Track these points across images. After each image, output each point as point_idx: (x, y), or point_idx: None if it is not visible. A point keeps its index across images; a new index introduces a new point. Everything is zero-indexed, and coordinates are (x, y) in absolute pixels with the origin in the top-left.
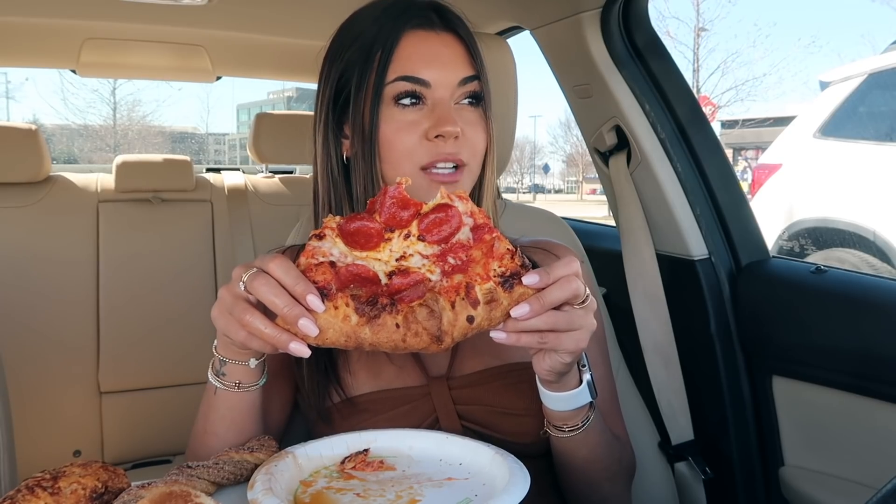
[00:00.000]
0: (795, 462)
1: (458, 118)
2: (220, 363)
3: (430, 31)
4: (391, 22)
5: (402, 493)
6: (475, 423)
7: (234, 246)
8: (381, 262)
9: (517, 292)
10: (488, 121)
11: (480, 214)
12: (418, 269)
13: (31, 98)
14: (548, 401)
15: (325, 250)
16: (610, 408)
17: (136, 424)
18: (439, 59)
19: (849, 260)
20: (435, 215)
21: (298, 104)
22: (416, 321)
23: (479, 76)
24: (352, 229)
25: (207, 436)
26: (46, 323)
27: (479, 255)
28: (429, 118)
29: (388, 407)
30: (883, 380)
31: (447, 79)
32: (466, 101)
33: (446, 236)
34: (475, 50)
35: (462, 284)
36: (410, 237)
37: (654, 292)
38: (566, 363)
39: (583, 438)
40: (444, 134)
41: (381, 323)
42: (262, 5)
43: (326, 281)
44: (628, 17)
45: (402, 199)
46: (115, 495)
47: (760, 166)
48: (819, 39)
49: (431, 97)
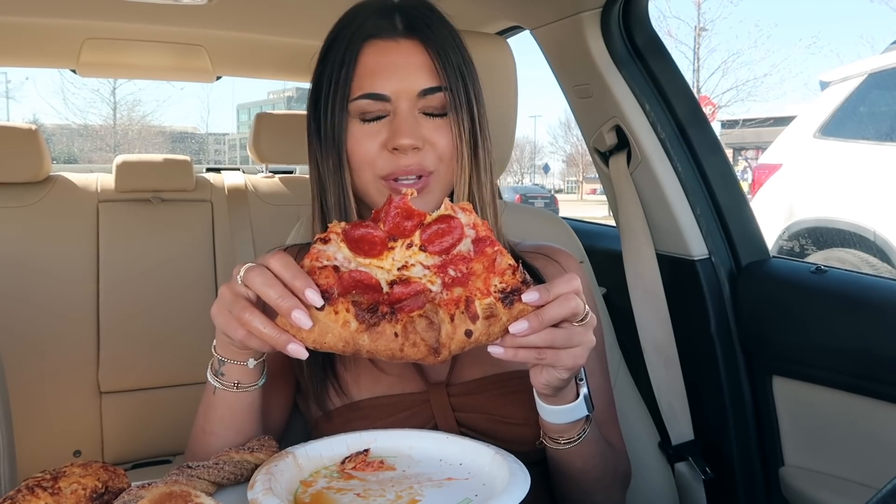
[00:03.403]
0: (795, 462)
1: (421, 127)
2: (219, 363)
3: (390, 39)
4: (353, 33)
5: (402, 494)
6: (473, 430)
7: (234, 246)
8: (383, 271)
9: (517, 308)
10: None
11: (483, 227)
12: (419, 279)
13: (31, 98)
14: (544, 413)
15: (329, 254)
16: (607, 417)
17: (136, 424)
18: (398, 70)
19: (849, 260)
20: (437, 226)
21: (298, 104)
22: (415, 332)
23: (443, 86)
24: (356, 236)
25: (206, 435)
26: (47, 323)
27: (479, 268)
28: (388, 129)
29: (386, 413)
30: (883, 380)
31: (406, 89)
32: (430, 110)
33: (447, 247)
34: (444, 57)
35: (462, 298)
36: (413, 247)
37: (655, 292)
38: (563, 379)
39: (578, 450)
40: (400, 147)
41: (379, 331)
42: (262, 5)
43: (329, 285)
44: (628, 16)
45: (406, 210)
46: (115, 495)
47: (760, 166)
48: (820, 40)
49: (391, 109)
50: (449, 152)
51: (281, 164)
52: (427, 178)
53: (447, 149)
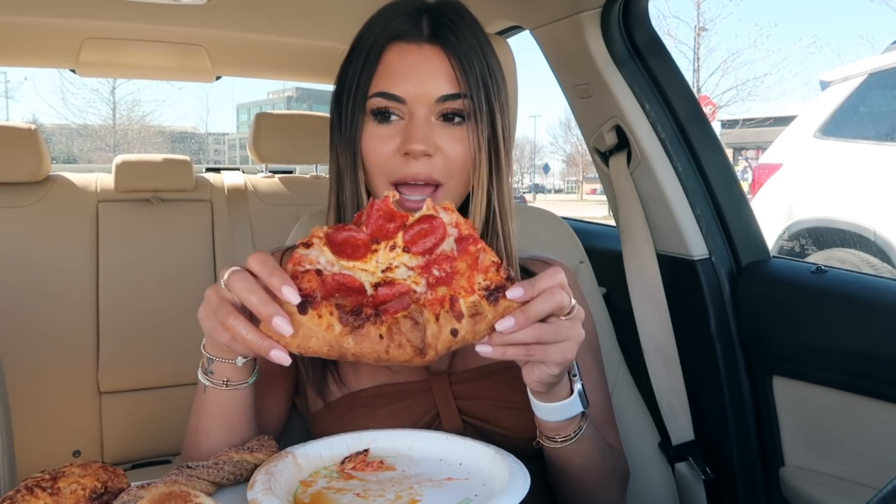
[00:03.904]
0: (796, 462)
1: (436, 134)
2: (208, 361)
3: (413, 43)
4: (378, 33)
5: (402, 494)
6: (476, 418)
7: (234, 246)
8: (367, 273)
9: (502, 305)
10: (479, 138)
11: (466, 226)
12: (403, 280)
13: (31, 98)
14: (539, 411)
15: (312, 258)
16: (604, 416)
17: (135, 424)
18: (417, 74)
19: (849, 260)
20: (419, 226)
21: (298, 104)
22: (400, 333)
23: (462, 94)
24: (339, 239)
25: (199, 434)
26: (46, 323)
27: (463, 266)
28: (402, 134)
29: (388, 401)
30: (883, 380)
31: (424, 95)
32: (448, 117)
33: (430, 247)
34: (466, 65)
35: (446, 297)
36: (396, 248)
37: (655, 292)
38: (555, 374)
39: (575, 448)
40: (411, 152)
41: (364, 333)
42: (262, 5)
43: (312, 289)
44: (628, 16)
45: (388, 212)
46: (114, 495)
47: (761, 166)
48: (820, 39)
49: (407, 112)
50: (461, 163)
51: (281, 164)
52: (434, 192)
53: (459, 159)
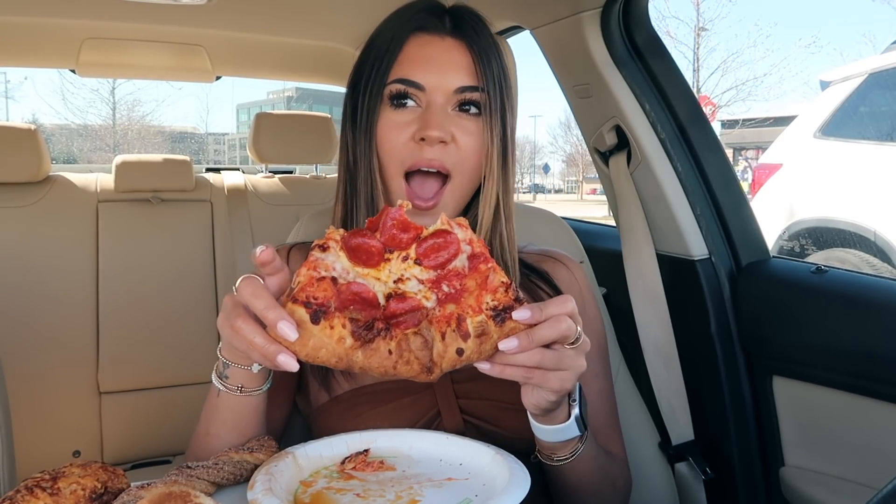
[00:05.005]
0: (796, 462)
1: (452, 125)
2: (224, 366)
3: (436, 35)
4: (400, 25)
5: (402, 494)
6: (477, 417)
7: (234, 246)
8: (380, 283)
9: (508, 326)
10: (492, 132)
11: (479, 244)
12: (415, 294)
13: (31, 98)
14: (536, 431)
15: (328, 264)
16: (608, 423)
17: (135, 425)
18: (438, 64)
19: (849, 260)
20: (433, 240)
21: (298, 104)
22: (409, 349)
23: (480, 86)
24: (354, 245)
25: (209, 437)
26: (46, 323)
27: (473, 284)
28: (419, 122)
29: (390, 398)
30: (883, 380)
31: (443, 84)
32: (464, 108)
33: (443, 262)
34: (485, 60)
35: (454, 315)
36: (408, 260)
37: (655, 292)
38: (551, 401)
39: (572, 466)
40: (427, 138)
41: (374, 348)
42: (262, 5)
43: (327, 298)
44: (628, 16)
45: (401, 222)
46: (114, 496)
47: (761, 166)
48: (820, 39)
49: (425, 100)
50: (473, 155)
51: (281, 164)
52: (442, 187)
53: (472, 150)
